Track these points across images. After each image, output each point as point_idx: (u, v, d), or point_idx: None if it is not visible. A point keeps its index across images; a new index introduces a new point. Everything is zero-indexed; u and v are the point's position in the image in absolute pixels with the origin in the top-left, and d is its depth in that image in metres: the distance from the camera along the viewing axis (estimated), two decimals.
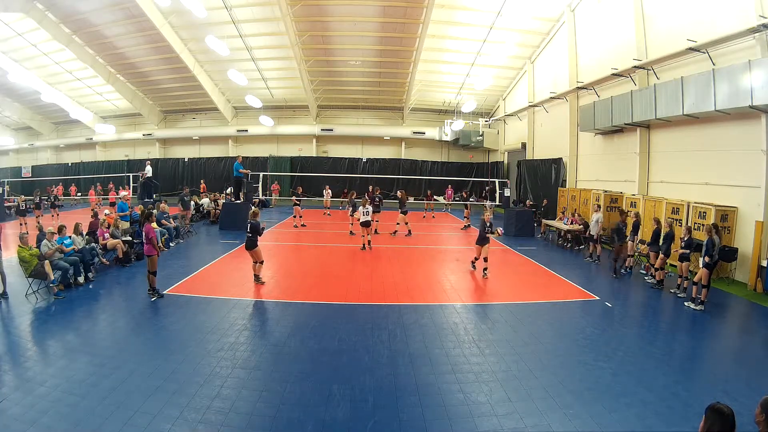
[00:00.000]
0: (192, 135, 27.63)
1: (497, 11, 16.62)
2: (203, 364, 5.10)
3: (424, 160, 26.81)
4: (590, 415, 4.21)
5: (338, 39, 19.77)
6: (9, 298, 7.39)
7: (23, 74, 20.86)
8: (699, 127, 10.67)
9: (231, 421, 4.01)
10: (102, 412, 4.05)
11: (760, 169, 9.00)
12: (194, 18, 16.38)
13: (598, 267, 10.86)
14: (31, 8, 17.52)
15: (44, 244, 7.91)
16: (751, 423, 2.52)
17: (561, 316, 7.19)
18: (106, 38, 19.94)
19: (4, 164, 30.11)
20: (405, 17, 17.78)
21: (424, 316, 6.89)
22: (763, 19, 8.44)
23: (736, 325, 7.52)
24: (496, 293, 8.41)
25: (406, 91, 23.65)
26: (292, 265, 10.45)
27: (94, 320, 6.69)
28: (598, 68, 14.59)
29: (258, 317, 6.81)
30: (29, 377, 4.73)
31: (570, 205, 15.74)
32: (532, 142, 20.90)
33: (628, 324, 7.01)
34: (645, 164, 12.81)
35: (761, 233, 8.80)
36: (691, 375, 5.24)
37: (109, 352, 5.44)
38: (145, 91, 25.56)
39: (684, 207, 10.39)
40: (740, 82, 8.63)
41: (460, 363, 5.30)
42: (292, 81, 22.98)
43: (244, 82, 19.95)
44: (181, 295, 7.74)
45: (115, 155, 29.12)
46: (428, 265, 10.65)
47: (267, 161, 26.25)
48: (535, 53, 19.96)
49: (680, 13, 11.08)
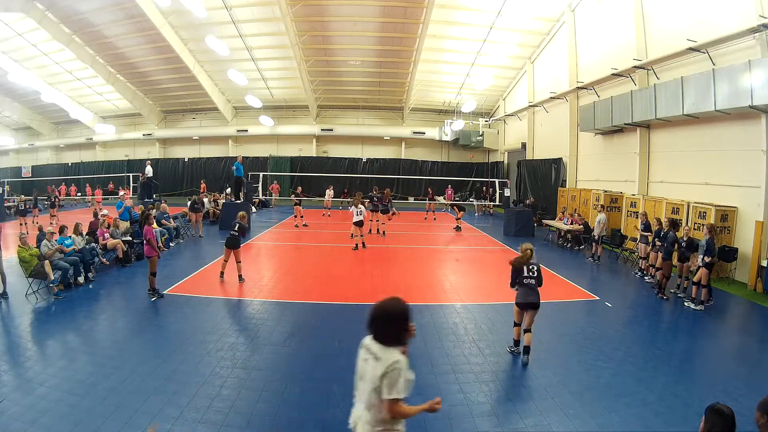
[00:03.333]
0: (192, 135, 27.66)
1: (497, 11, 16.63)
2: (203, 364, 5.10)
3: (424, 160, 26.84)
4: (590, 415, 4.20)
5: (338, 39, 19.77)
6: (9, 298, 7.39)
7: (23, 74, 20.86)
8: (699, 127, 10.68)
9: (231, 421, 4.00)
10: (102, 412, 4.05)
11: (760, 169, 9.00)
12: (194, 18, 16.41)
13: (599, 267, 10.86)
14: (31, 8, 17.53)
15: (44, 244, 7.91)
16: (751, 423, 2.52)
17: (561, 316, 7.19)
18: (106, 38, 19.95)
19: (4, 164, 30.12)
20: (405, 17, 17.79)
21: (424, 316, 6.88)
22: (763, 19, 8.44)
23: (736, 325, 7.53)
24: (496, 293, 8.40)
25: (406, 91, 23.66)
26: (292, 265, 10.45)
27: (94, 320, 6.68)
28: (598, 68, 14.59)
29: (258, 317, 6.80)
30: (29, 377, 4.73)
31: (570, 205, 15.74)
32: (532, 142, 20.90)
33: (628, 324, 7.01)
34: (645, 164, 12.82)
35: (761, 233, 8.80)
36: (691, 375, 5.23)
37: (109, 352, 5.43)
38: (145, 91, 25.57)
39: (684, 207, 10.39)
40: (740, 82, 8.63)
41: (460, 363, 5.29)
42: (292, 81, 23.00)
43: (244, 82, 19.97)
44: (181, 295, 7.73)
45: (115, 155, 29.15)
46: (428, 265, 10.65)
47: (267, 161, 26.26)
48: (535, 53, 19.97)
49: (680, 13, 11.08)
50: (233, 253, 8.45)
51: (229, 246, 8.43)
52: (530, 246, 5.35)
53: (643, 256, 9.75)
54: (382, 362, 2.29)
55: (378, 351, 2.34)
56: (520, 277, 5.28)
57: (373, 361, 2.33)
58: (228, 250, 8.48)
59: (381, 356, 2.32)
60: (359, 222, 11.96)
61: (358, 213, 11.90)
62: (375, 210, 14.45)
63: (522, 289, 5.28)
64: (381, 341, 2.36)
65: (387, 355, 2.31)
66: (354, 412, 2.48)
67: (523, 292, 5.27)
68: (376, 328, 2.40)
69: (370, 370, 2.32)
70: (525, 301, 5.23)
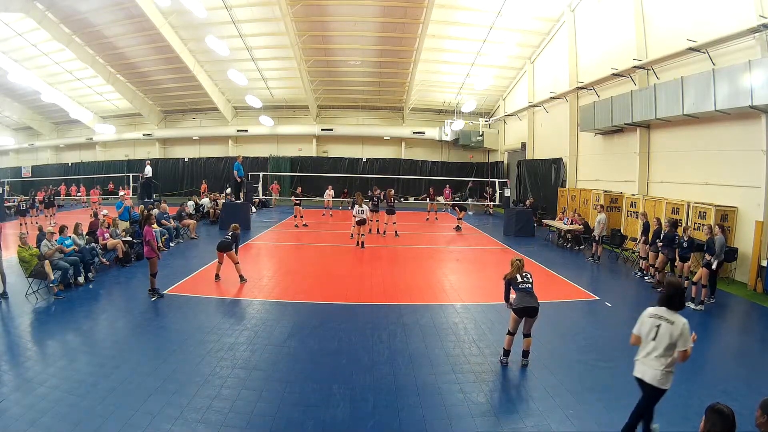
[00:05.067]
0: (192, 135, 27.65)
1: (497, 11, 16.63)
2: (203, 364, 5.10)
3: (424, 160, 26.83)
4: (590, 415, 4.21)
5: (338, 39, 19.77)
6: (9, 298, 7.39)
7: (23, 74, 20.86)
8: (699, 127, 10.67)
9: (231, 421, 4.00)
10: (102, 412, 4.05)
11: (760, 169, 9.00)
12: (194, 18, 16.40)
13: (599, 267, 10.86)
14: (31, 8, 17.53)
15: (44, 244, 7.91)
16: (751, 423, 2.52)
17: (561, 316, 7.19)
18: (106, 38, 19.95)
19: (4, 164, 30.13)
20: (405, 17, 17.79)
21: (424, 316, 6.88)
22: (763, 19, 8.44)
23: (736, 325, 7.53)
24: (496, 293, 8.38)
25: (406, 91, 23.65)
26: (292, 265, 10.44)
27: (94, 320, 6.68)
28: (598, 68, 14.59)
29: (258, 317, 6.80)
30: (29, 377, 4.73)
31: (570, 205, 15.74)
32: (532, 142, 20.90)
33: (628, 324, 6.97)
34: (645, 164, 12.82)
35: (761, 233, 8.79)
36: (691, 375, 5.23)
37: (109, 352, 5.44)
38: (145, 91, 25.57)
39: (684, 207, 10.39)
40: (740, 82, 8.63)
41: (460, 363, 5.29)
42: (292, 81, 22.99)
43: (244, 82, 19.97)
44: (181, 295, 7.73)
45: (115, 155, 29.15)
46: (428, 265, 10.65)
47: (267, 161, 26.26)
48: (535, 53, 19.96)
49: (680, 13, 11.08)
50: (226, 255, 8.53)
51: (220, 249, 8.55)
52: (519, 257, 5.40)
53: (643, 256, 9.76)
54: (676, 325, 3.41)
55: (670, 317, 3.46)
56: (515, 284, 5.14)
57: (666, 324, 3.44)
58: (220, 253, 8.59)
59: (674, 320, 3.43)
60: (361, 221, 12.05)
61: (360, 212, 12.02)
62: (375, 210, 14.49)
63: (520, 293, 5.07)
64: (674, 309, 3.47)
65: (678, 319, 3.44)
66: (640, 365, 3.56)
67: (520, 297, 5.04)
68: (671, 300, 3.49)
69: (666, 331, 3.42)
70: (523, 305, 4.96)
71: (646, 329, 3.54)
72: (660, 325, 3.44)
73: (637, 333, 3.64)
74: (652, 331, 3.48)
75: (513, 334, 5.16)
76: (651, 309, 3.58)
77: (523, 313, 5.00)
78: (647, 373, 3.46)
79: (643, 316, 3.61)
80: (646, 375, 3.47)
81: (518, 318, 5.04)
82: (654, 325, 3.48)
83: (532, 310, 4.99)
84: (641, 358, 3.56)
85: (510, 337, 5.18)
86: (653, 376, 3.43)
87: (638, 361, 3.59)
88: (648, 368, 3.47)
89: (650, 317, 3.54)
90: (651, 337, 3.48)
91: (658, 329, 3.44)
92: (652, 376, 3.43)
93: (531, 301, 5.01)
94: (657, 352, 3.43)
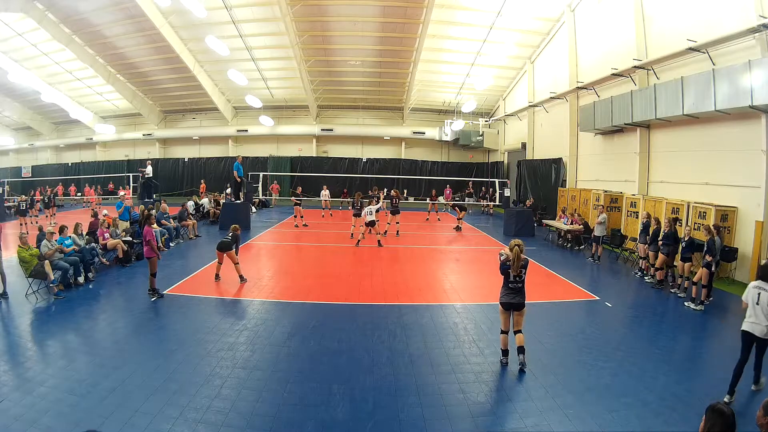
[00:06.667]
0: (192, 135, 27.65)
1: (497, 11, 16.63)
2: (203, 364, 5.10)
3: (424, 160, 26.82)
4: (590, 415, 4.20)
5: (338, 39, 19.77)
6: (9, 298, 7.38)
7: (23, 74, 20.87)
8: (699, 127, 10.67)
9: (231, 421, 4.00)
10: (102, 412, 4.05)
11: (760, 169, 9.00)
12: (194, 18, 16.39)
13: (599, 267, 10.86)
14: (31, 8, 17.53)
15: (44, 244, 7.91)
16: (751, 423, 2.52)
17: (561, 316, 7.18)
18: (106, 38, 19.95)
19: (4, 164, 30.12)
20: (405, 17, 17.79)
21: (424, 316, 6.88)
22: (763, 19, 8.44)
23: (736, 325, 7.44)
24: (496, 293, 8.37)
25: (406, 91, 23.65)
26: (292, 265, 10.45)
27: (94, 320, 6.68)
28: (598, 68, 14.59)
29: (258, 317, 6.80)
30: (29, 377, 4.73)
31: (570, 205, 15.74)
32: (532, 142, 20.90)
33: (628, 324, 7.01)
34: (645, 164, 12.81)
35: (761, 233, 8.80)
36: (691, 375, 5.23)
37: (109, 352, 5.44)
38: (145, 91, 25.57)
39: (684, 207, 10.38)
40: (740, 82, 8.62)
41: (460, 363, 5.29)
42: (292, 81, 22.99)
43: (244, 82, 19.96)
44: (181, 295, 7.73)
45: (115, 155, 29.14)
46: (428, 265, 10.65)
47: (267, 161, 26.26)
48: (535, 53, 19.96)
49: (680, 13, 11.08)
50: (226, 255, 8.52)
51: (220, 249, 8.54)
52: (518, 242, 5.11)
53: (643, 256, 9.76)
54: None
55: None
56: (506, 280, 5.13)
57: (765, 292, 4.42)
58: (220, 253, 8.58)
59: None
60: (371, 222, 11.95)
61: (370, 213, 11.90)
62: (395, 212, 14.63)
63: (506, 290, 5.14)
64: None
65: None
66: (748, 324, 4.53)
67: (505, 293, 5.13)
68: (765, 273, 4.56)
69: (766, 297, 4.40)
70: (508, 301, 5.09)
71: (751, 297, 4.53)
72: (760, 293, 4.47)
73: (745, 300, 4.63)
74: (755, 298, 4.49)
75: (506, 333, 5.21)
76: (753, 282, 4.64)
77: (509, 306, 5.13)
78: (756, 328, 4.46)
79: (749, 288, 4.64)
80: (756, 330, 4.46)
81: (506, 312, 5.15)
82: (756, 293, 4.50)
83: (516, 305, 5.10)
84: (749, 320, 4.56)
85: (504, 336, 5.23)
86: (762, 330, 4.42)
87: (747, 322, 4.57)
88: (757, 325, 4.45)
89: (753, 288, 4.57)
90: (755, 302, 4.49)
91: (759, 296, 4.47)
92: (761, 331, 4.43)
93: (515, 298, 5.11)
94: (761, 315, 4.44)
